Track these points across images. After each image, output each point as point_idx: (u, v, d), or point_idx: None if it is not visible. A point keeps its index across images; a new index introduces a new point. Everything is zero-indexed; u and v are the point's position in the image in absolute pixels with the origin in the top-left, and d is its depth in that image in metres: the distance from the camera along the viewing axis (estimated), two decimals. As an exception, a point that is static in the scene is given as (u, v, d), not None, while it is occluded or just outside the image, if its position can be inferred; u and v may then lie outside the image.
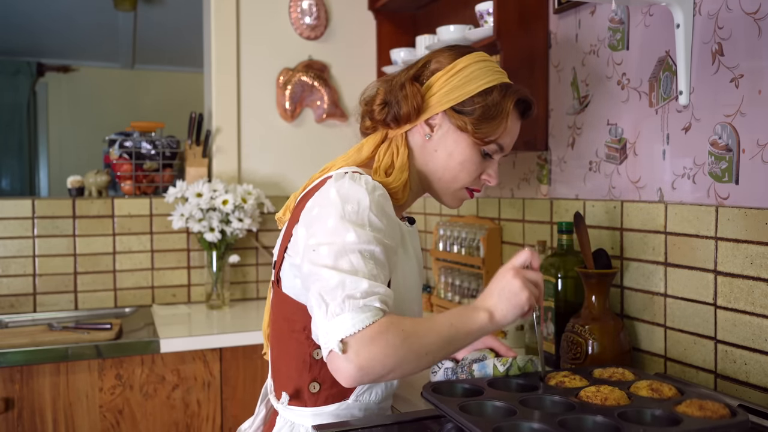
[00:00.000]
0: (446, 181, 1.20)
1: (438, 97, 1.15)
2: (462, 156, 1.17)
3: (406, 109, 1.15)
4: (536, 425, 0.97)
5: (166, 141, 2.61)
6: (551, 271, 1.60)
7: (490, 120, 1.15)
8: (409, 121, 1.17)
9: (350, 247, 0.99)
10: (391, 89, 1.18)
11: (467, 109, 1.15)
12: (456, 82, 1.15)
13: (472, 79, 1.15)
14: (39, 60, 5.68)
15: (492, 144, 1.17)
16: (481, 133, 1.15)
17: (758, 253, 1.23)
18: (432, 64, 1.18)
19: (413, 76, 1.18)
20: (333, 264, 0.98)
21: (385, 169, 1.17)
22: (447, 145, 1.17)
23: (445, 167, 1.18)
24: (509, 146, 1.21)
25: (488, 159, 1.20)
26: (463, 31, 1.99)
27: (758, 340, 1.24)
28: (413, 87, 1.15)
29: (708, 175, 1.35)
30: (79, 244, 2.44)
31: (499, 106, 1.15)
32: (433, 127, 1.17)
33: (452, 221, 2.30)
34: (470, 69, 1.16)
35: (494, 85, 1.16)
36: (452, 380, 1.21)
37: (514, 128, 1.20)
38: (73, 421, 1.94)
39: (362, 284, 0.96)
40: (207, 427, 2.06)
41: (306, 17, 2.67)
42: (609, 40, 1.63)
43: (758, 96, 1.24)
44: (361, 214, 1.03)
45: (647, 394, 1.09)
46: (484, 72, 1.16)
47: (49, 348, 1.91)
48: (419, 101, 1.15)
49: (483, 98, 1.15)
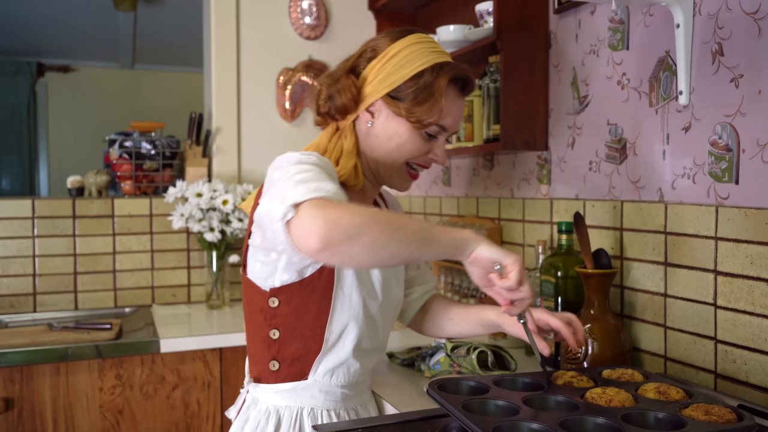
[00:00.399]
0: (390, 163, 1.22)
1: (373, 86, 1.18)
2: (402, 139, 1.19)
3: (343, 101, 1.19)
4: (536, 425, 0.97)
5: (166, 141, 2.61)
6: (551, 271, 1.60)
7: (423, 102, 1.16)
8: (350, 112, 1.21)
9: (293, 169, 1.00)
10: (331, 83, 1.22)
11: (401, 94, 1.17)
12: (389, 69, 1.17)
13: (404, 64, 1.17)
14: (39, 60, 5.68)
15: (432, 126, 1.19)
16: (415, 116, 1.17)
17: (758, 253, 1.23)
18: (368, 53, 1.21)
19: (350, 67, 1.22)
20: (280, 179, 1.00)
21: (336, 159, 1.20)
22: (387, 130, 1.19)
23: (388, 151, 1.21)
24: (453, 126, 1.22)
25: (433, 139, 1.22)
26: (463, 31, 1.99)
27: (758, 340, 1.24)
28: (348, 79, 1.19)
29: (708, 175, 1.35)
30: (79, 244, 2.44)
31: (431, 88, 1.16)
32: (373, 114, 1.20)
33: (452, 221, 2.30)
34: (403, 54, 1.18)
35: (425, 67, 1.17)
36: (458, 378, 1.20)
37: (453, 107, 1.21)
38: (73, 421, 1.94)
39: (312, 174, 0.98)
40: (207, 427, 2.06)
41: (306, 17, 2.67)
42: (609, 40, 1.63)
43: (758, 96, 1.24)
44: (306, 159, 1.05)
45: (654, 397, 1.08)
46: (418, 54, 1.18)
47: (49, 348, 1.91)
48: (354, 92, 1.19)
49: (415, 82, 1.17)
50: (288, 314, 1.18)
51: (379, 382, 1.51)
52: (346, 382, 1.22)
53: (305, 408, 1.20)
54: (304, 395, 1.20)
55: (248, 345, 1.27)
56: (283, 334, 1.19)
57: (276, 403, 1.20)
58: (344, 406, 1.24)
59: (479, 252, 1.01)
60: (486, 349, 1.52)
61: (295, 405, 1.20)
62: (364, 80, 1.20)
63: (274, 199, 0.95)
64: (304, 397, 1.20)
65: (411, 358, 1.63)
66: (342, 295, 1.17)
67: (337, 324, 1.18)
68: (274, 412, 1.20)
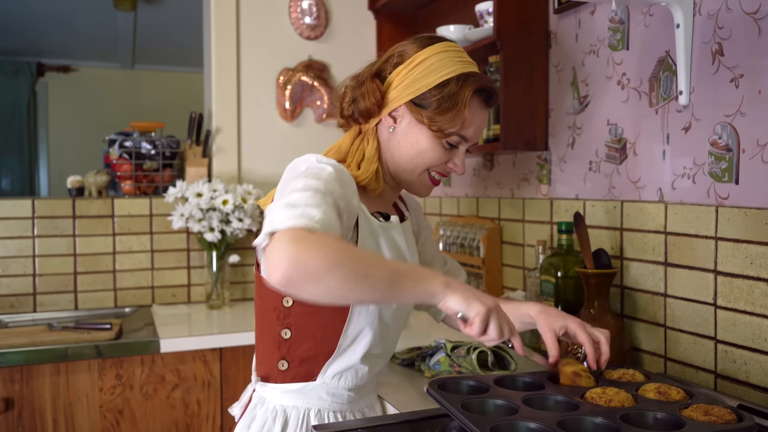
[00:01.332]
0: (411, 169, 1.22)
1: (398, 91, 1.18)
2: (423, 146, 1.19)
3: (366, 105, 1.18)
4: (534, 424, 0.97)
5: (166, 141, 2.61)
6: (551, 271, 1.60)
7: (446, 112, 1.16)
8: (373, 116, 1.20)
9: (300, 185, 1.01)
10: (356, 86, 1.22)
11: (425, 102, 1.17)
12: (414, 75, 1.17)
13: (430, 72, 1.17)
14: (39, 60, 5.68)
15: (453, 136, 1.19)
16: (437, 125, 1.17)
17: (758, 253, 1.23)
18: (395, 58, 1.21)
19: (375, 71, 1.21)
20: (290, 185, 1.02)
21: (358, 162, 1.21)
22: (409, 137, 1.19)
23: (409, 158, 1.20)
24: (474, 137, 1.22)
25: (454, 149, 1.22)
26: (463, 31, 1.99)
27: (758, 340, 1.24)
28: (372, 83, 1.19)
29: (708, 175, 1.35)
30: (79, 244, 2.44)
31: (455, 98, 1.16)
32: (396, 120, 1.20)
33: (452, 221, 2.30)
34: (430, 61, 1.17)
35: (451, 77, 1.17)
36: (458, 378, 1.20)
37: (476, 118, 1.20)
38: (73, 421, 1.94)
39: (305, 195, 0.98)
40: (207, 427, 2.06)
41: (306, 17, 2.67)
42: (609, 40, 1.63)
43: (758, 96, 1.24)
44: (318, 172, 1.05)
45: (654, 397, 1.08)
46: (444, 63, 1.17)
47: (49, 348, 1.91)
48: (378, 97, 1.18)
49: (439, 90, 1.16)
50: (301, 314, 1.17)
51: (380, 382, 1.50)
52: (353, 385, 1.22)
53: (312, 409, 1.20)
54: (312, 396, 1.20)
55: (257, 343, 1.26)
56: (294, 334, 1.18)
57: (283, 403, 1.20)
58: (350, 408, 1.24)
59: (446, 304, 1.01)
60: (486, 350, 1.52)
61: (303, 405, 1.20)
62: (389, 85, 1.19)
63: (267, 216, 0.98)
64: (311, 398, 1.20)
65: (411, 358, 1.64)
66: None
67: (353, 329, 1.17)
68: (281, 412, 1.19)
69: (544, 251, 1.74)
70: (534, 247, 1.90)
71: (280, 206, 0.97)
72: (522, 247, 1.97)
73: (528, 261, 1.94)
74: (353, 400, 1.24)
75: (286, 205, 0.96)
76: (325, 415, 1.20)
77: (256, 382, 1.24)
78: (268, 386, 1.22)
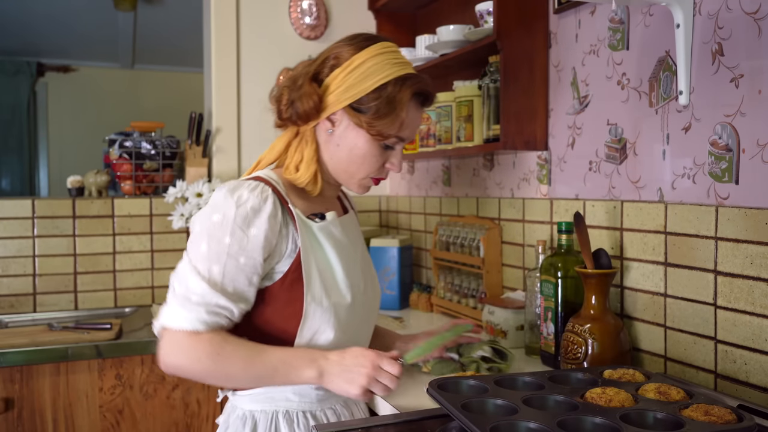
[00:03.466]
0: (350, 173, 1.24)
1: (335, 96, 1.18)
2: (362, 150, 1.21)
3: (305, 108, 1.19)
4: (534, 425, 0.97)
5: (166, 141, 2.61)
6: (551, 271, 1.60)
7: (384, 117, 1.17)
8: (312, 119, 1.21)
9: (202, 255, 1.12)
10: (293, 88, 1.22)
11: (363, 106, 1.18)
12: (352, 80, 1.17)
13: (367, 76, 1.17)
14: (39, 60, 5.68)
15: (392, 138, 1.21)
16: (376, 129, 1.18)
17: (758, 253, 1.23)
18: (331, 60, 1.21)
19: (312, 73, 1.21)
20: (189, 261, 1.13)
21: (296, 165, 1.23)
22: (348, 140, 1.21)
23: (348, 161, 1.22)
24: (411, 136, 1.24)
25: (390, 149, 1.24)
26: (463, 31, 1.99)
27: (758, 340, 1.24)
28: (310, 87, 1.19)
29: (708, 175, 1.35)
30: (79, 244, 2.44)
31: (393, 102, 1.17)
32: (334, 123, 1.21)
33: (452, 221, 2.30)
34: (367, 65, 1.17)
35: (389, 80, 1.17)
36: (458, 378, 1.21)
37: (413, 120, 1.22)
38: (73, 421, 1.94)
39: (199, 289, 1.10)
40: (207, 427, 2.06)
41: (306, 17, 2.67)
42: (609, 40, 1.63)
43: (758, 96, 1.24)
44: (223, 226, 1.12)
45: (654, 397, 1.08)
46: (381, 67, 1.18)
47: (49, 348, 1.91)
48: (316, 100, 1.18)
49: (377, 94, 1.17)
50: (252, 321, 1.20)
51: (379, 382, 1.51)
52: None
53: (280, 411, 1.22)
54: (279, 398, 1.22)
55: None
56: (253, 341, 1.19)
57: (252, 408, 1.23)
58: (321, 407, 1.25)
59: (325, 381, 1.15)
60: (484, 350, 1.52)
61: (270, 408, 1.22)
62: (326, 88, 1.20)
63: (169, 294, 1.15)
64: (278, 401, 1.22)
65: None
66: (312, 301, 1.18)
67: (309, 329, 1.19)
68: (250, 417, 1.22)
69: (544, 251, 1.74)
70: (534, 247, 1.90)
71: (179, 300, 1.11)
72: (522, 247, 1.97)
73: (528, 261, 1.94)
74: (322, 398, 1.24)
75: (184, 299, 1.11)
76: (293, 416, 1.22)
77: (227, 391, 1.28)
78: (237, 394, 1.24)
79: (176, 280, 1.14)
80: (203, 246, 1.12)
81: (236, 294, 1.13)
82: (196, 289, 1.11)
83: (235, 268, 1.12)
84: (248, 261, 1.13)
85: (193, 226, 1.17)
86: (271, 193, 1.16)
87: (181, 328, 1.10)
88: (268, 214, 1.14)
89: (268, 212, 1.14)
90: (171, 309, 1.12)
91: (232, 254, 1.12)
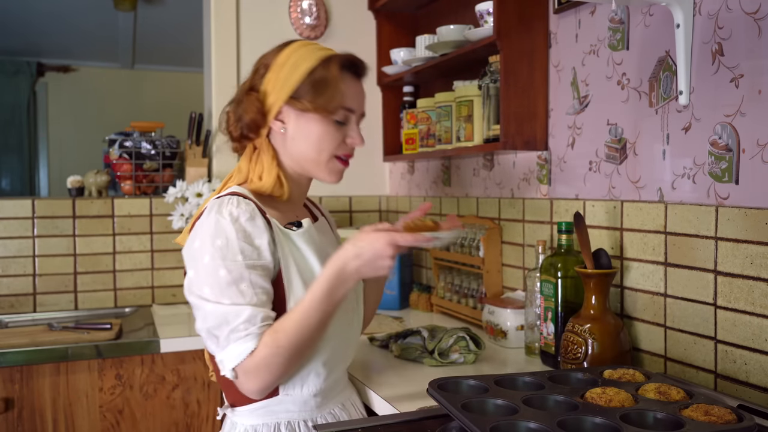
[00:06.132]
0: (315, 159, 1.27)
1: (275, 95, 1.24)
2: (317, 132, 1.25)
3: (250, 116, 1.25)
4: (534, 425, 0.97)
5: (166, 141, 2.61)
6: (551, 271, 1.60)
7: (323, 92, 1.23)
8: (261, 126, 1.26)
9: (224, 281, 1.13)
10: (235, 106, 1.29)
11: (301, 92, 1.23)
12: (284, 75, 1.24)
13: (296, 67, 1.23)
14: (39, 60, 5.68)
15: (339, 110, 1.24)
16: (321, 105, 1.22)
17: (758, 253, 1.23)
18: (261, 69, 1.28)
19: (249, 87, 1.28)
20: (215, 300, 1.13)
21: (259, 175, 1.29)
22: (302, 130, 1.25)
23: (308, 148, 1.26)
24: (359, 106, 1.28)
25: (344, 125, 1.27)
26: (463, 31, 1.99)
27: (758, 340, 1.24)
28: (250, 96, 1.26)
29: (708, 175, 1.35)
30: (79, 244, 2.44)
31: (326, 78, 1.23)
32: (284, 121, 1.26)
33: (452, 221, 2.30)
34: (293, 59, 1.24)
35: (315, 64, 1.23)
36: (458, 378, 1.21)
37: (352, 89, 1.27)
38: (73, 421, 1.94)
39: (242, 315, 1.12)
40: (207, 427, 2.06)
41: (306, 17, 2.67)
42: (609, 40, 1.63)
43: (758, 96, 1.24)
44: (230, 247, 1.15)
45: (654, 397, 1.08)
46: (306, 56, 1.24)
47: (49, 348, 1.91)
48: (258, 106, 1.25)
49: (310, 78, 1.23)
50: None
51: (378, 381, 1.51)
52: (317, 390, 1.25)
53: (282, 422, 1.23)
54: (279, 410, 1.23)
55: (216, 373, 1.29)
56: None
57: (253, 423, 1.24)
58: (320, 413, 1.27)
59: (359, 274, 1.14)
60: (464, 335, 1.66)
61: (272, 421, 1.23)
62: (264, 94, 1.25)
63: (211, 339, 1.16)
64: (279, 413, 1.23)
65: (387, 340, 1.79)
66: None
67: None
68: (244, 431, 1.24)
69: (544, 251, 1.74)
70: (534, 247, 1.90)
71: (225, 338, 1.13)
72: (522, 247, 1.97)
73: (528, 261, 1.94)
74: (321, 404, 1.27)
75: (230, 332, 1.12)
76: (296, 426, 1.24)
77: (225, 409, 1.29)
78: (236, 411, 1.26)
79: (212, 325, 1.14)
80: (222, 272, 1.14)
81: (270, 298, 1.17)
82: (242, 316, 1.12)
83: (259, 276, 1.16)
84: (265, 268, 1.17)
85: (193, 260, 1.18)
86: (251, 203, 1.21)
87: (240, 360, 1.12)
88: (262, 223, 1.19)
89: (261, 221, 1.19)
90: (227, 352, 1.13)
91: (250, 266, 1.15)
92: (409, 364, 1.66)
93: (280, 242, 1.21)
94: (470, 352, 1.64)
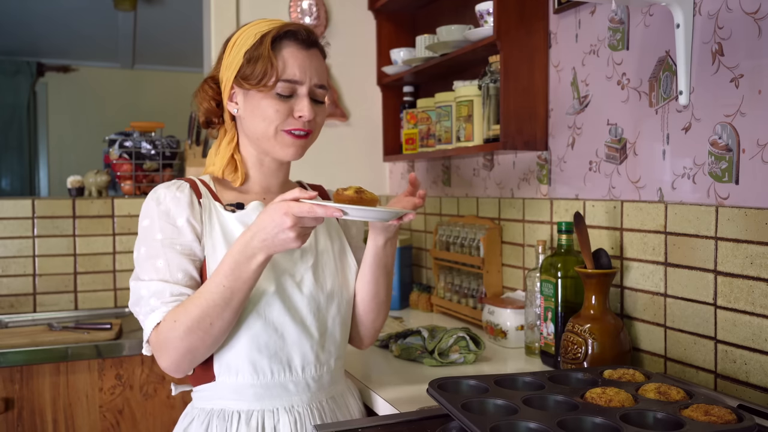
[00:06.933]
0: (266, 134, 1.26)
1: (226, 79, 1.27)
2: (262, 108, 1.24)
3: (206, 105, 1.30)
4: (534, 425, 0.97)
5: (166, 141, 2.61)
6: (551, 271, 1.60)
7: (256, 65, 1.23)
8: (219, 111, 1.31)
9: (143, 258, 1.19)
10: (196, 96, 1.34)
11: (244, 72, 1.24)
12: (231, 59, 1.27)
13: (240, 48, 1.26)
14: (39, 60, 5.69)
15: (278, 83, 1.23)
16: (256, 80, 1.23)
17: (758, 253, 1.23)
18: (220, 55, 1.32)
19: (210, 77, 1.32)
20: (135, 277, 1.20)
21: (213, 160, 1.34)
22: (250, 107, 1.26)
23: (258, 124, 1.26)
24: (302, 76, 1.24)
25: (291, 98, 1.25)
26: (463, 31, 1.99)
27: (758, 340, 1.24)
28: (204, 85, 1.31)
29: (708, 175, 1.35)
30: (79, 244, 2.44)
31: (259, 50, 1.24)
32: (236, 102, 1.28)
33: (452, 221, 2.30)
34: (238, 41, 1.27)
35: (253, 41, 1.25)
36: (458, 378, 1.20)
37: (293, 60, 1.25)
38: (73, 421, 1.94)
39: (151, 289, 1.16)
40: (207, 427, 2.06)
41: (306, 17, 2.67)
42: (609, 40, 1.63)
43: (758, 96, 1.24)
44: (152, 227, 1.20)
45: (654, 397, 1.08)
46: (248, 36, 1.27)
47: (49, 348, 1.91)
48: (211, 93, 1.30)
49: (246, 56, 1.24)
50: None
51: (378, 380, 1.51)
52: (256, 381, 1.21)
53: (215, 410, 1.23)
54: (213, 397, 1.23)
55: None
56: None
57: (198, 406, 1.26)
58: (261, 407, 1.21)
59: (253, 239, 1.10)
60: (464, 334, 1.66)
61: (207, 407, 1.24)
62: (220, 80, 1.29)
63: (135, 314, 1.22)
64: (213, 399, 1.23)
65: (387, 340, 1.79)
66: None
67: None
68: (191, 414, 1.27)
69: (544, 251, 1.74)
70: (534, 247, 1.90)
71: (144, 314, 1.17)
72: (522, 247, 1.97)
73: (528, 261, 1.94)
74: (261, 397, 1.21)
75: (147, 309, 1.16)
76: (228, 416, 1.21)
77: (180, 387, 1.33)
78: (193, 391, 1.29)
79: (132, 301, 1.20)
80: (142, 249, 1.20)
81: (188, 276, 1.19)
82: (151, 290, 1.16)
83: (176, 254, 1.18)
84: (185, 246, 1.19)
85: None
86: (185, 185, 1.25)
87: (148, 335, 1.17)
88: (186, 203, 1.22)
89: (186, 201, 1.22)
90: (144, 325, 1.18)
91: (167, 245, 1.18)
92: (409, 364, 1.66)
93: (212, 224, 1.22)
94: (470, 352, 1.64)
